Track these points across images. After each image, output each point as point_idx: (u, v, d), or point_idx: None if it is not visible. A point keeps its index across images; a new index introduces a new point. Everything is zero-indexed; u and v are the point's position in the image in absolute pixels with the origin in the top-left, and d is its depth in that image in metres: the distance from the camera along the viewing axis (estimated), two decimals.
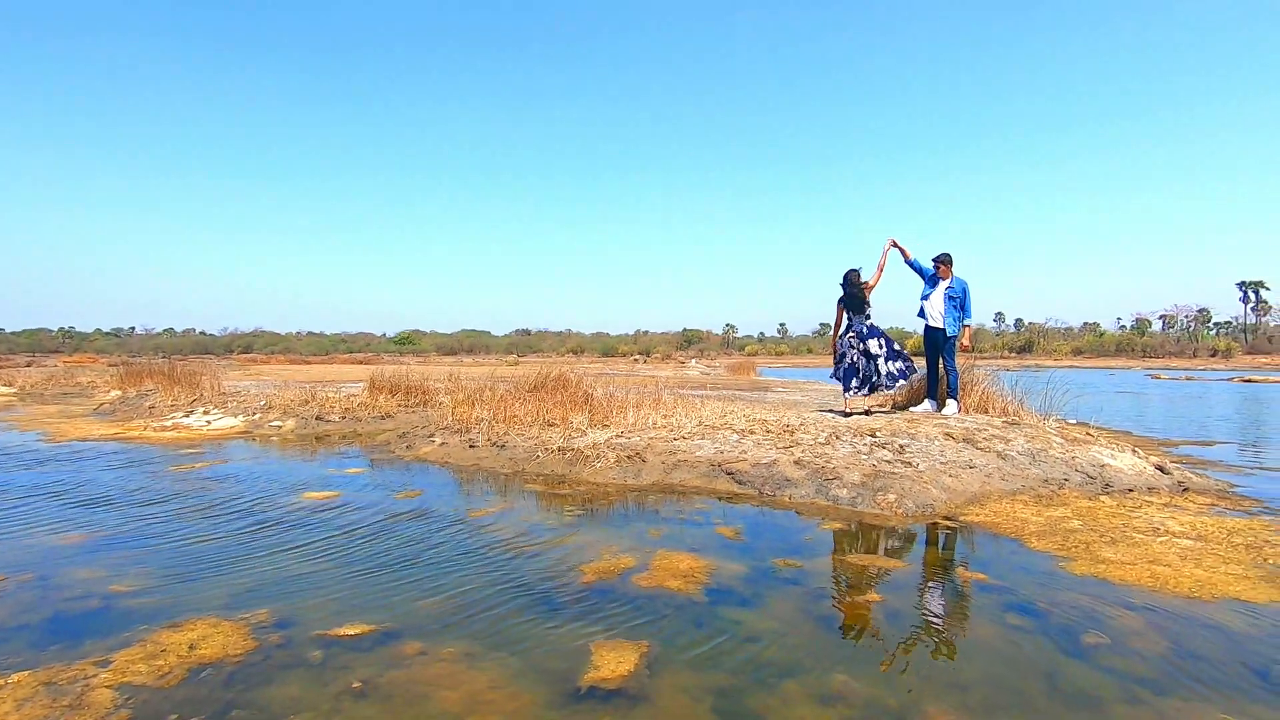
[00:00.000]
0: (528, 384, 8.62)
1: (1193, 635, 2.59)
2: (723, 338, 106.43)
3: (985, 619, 2.78)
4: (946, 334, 7.15)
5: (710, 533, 4.01)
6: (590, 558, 3.51)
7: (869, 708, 2.07)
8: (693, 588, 3.07)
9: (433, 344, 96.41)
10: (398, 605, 2.88)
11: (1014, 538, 3.92)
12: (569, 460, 5.89)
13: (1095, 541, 3.79)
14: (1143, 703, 2.10)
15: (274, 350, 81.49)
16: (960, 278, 7.23)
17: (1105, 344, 75.62)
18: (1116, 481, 5.27)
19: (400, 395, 10.88)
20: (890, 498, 4.59)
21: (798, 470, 5.14)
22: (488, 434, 6.98)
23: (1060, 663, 2.37)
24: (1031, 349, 76.60)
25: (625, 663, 2.34)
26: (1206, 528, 4.09)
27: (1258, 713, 2.05)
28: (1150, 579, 3.19)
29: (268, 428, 9.05)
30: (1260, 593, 3.02)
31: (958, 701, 2.10)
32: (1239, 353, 65.75)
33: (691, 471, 5.42)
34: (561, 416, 7.28)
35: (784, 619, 2.75)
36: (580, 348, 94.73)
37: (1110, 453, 5.82)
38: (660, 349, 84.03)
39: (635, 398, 8.26)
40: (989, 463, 5.34)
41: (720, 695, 2.15)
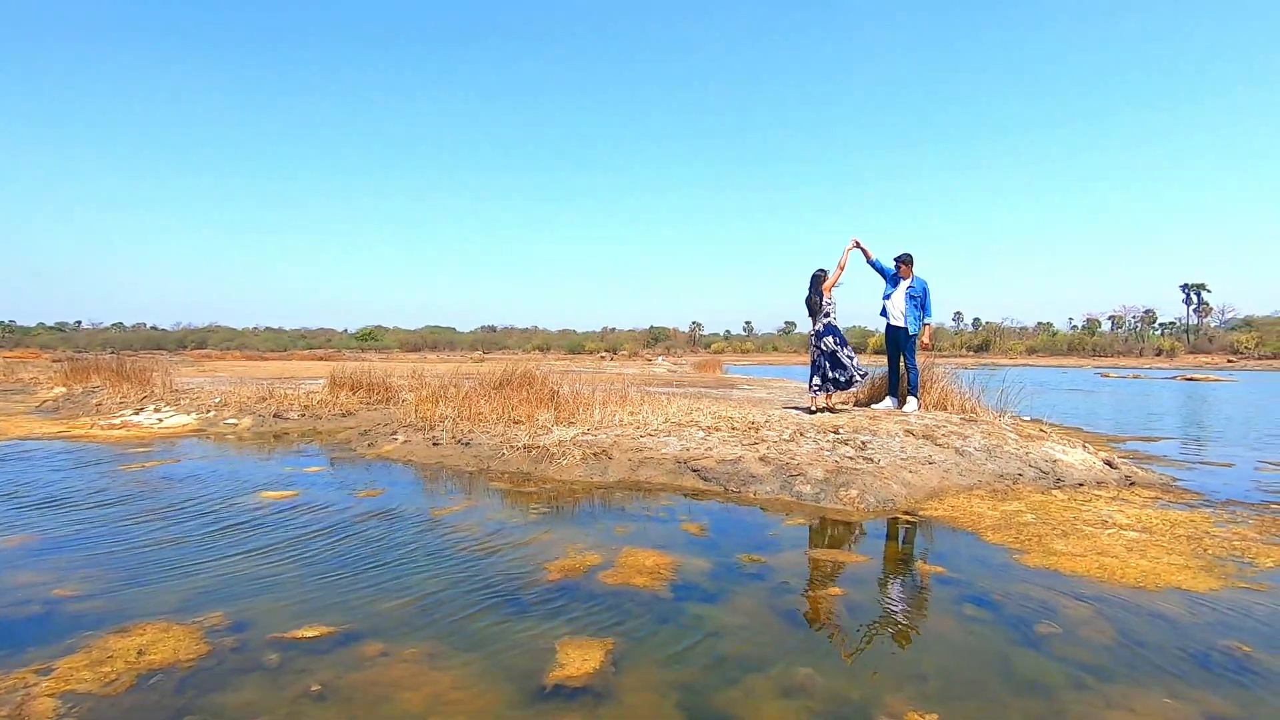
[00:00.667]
0: (493, 381, 8.54)
1: (1138, 623, 2.69)
2: (689, 335, 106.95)
3: (943, 611, 2.85)
4: (908, 332, 7.29)
5: (676, 529, 4.02)
6: (556, 555, 3.50)
7: (831, 700, 2.11)
8: (658, 584, 3.08)
9: (396, 340, 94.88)
10: (358, 606, 2.83)
11: (971, 531, 4.02)
12: (535, 458, 5.85)
13: (1047, 534, 3.91)
14: (1090, 689, 2.18)
15: (230, 346, 79.21)
16: (920, 278, 7.38)
17: (1058, 343, 78.16)
18: (1068, 476, 5.45)
19: (362, 392, 10.67)
20: (853, 493, 4.67)
21: (763, 467, 5.19)
22: (452, 431, 6.90)
23: (1014, 652, 2.44)
24: (988, 348, 78.74)
25: (591, 660, 2.34)
26: (1151, 520, 4.26)
27: (1198, 696, 2.14)
28: (1099, 570, 3.30)
29: (223, 426, 8.79)
30: (1200, 582, 3.15)
31: (917, 692, 2.15)
32: (1182, 352, 68.59)
33: (658, 468, 5.43)
34: (527, 414, 7.23)
35: (749, 614, 2.78)
36: (547, 345, 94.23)
37: (1062, 449, 6.01)
38: (627, 346, 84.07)
39: (602, 395, 8.24)
40: (947, 459, 5.47)
41: (686, 691, 2.16)
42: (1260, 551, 3.63)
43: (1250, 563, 3.45)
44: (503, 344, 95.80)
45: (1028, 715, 2.02)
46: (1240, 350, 64.16)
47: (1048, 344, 78.55)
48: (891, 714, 2.02)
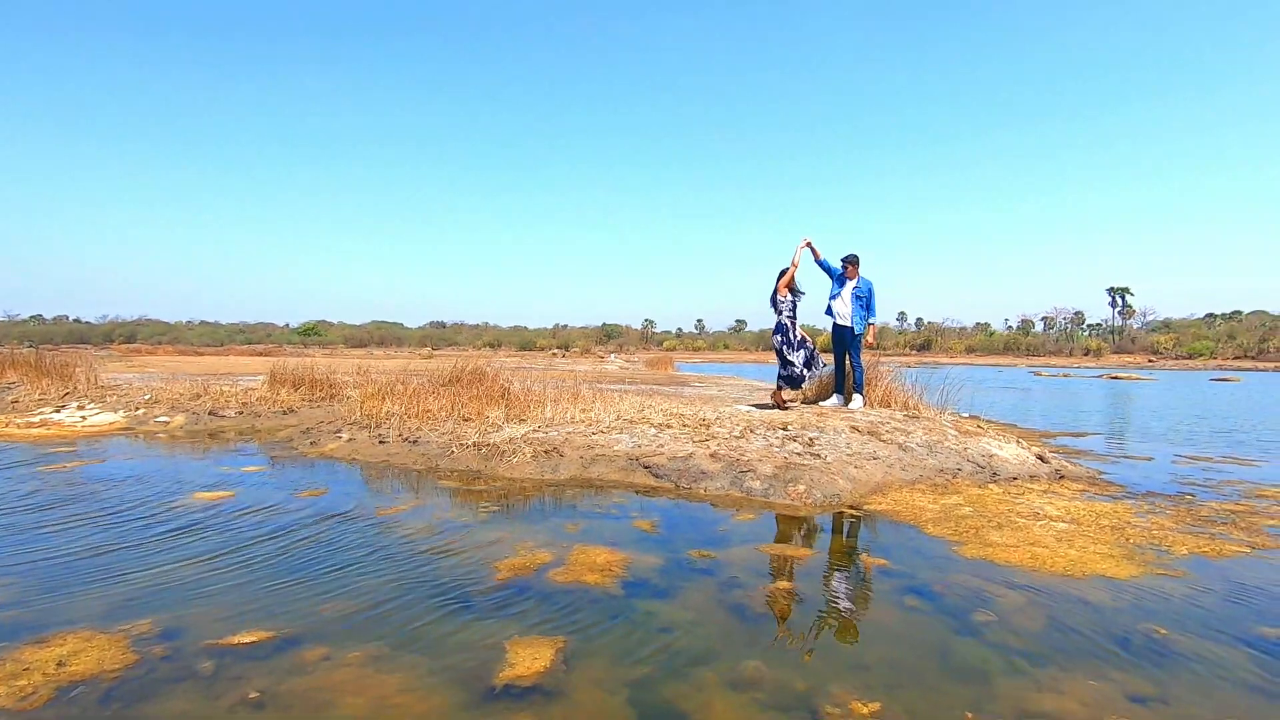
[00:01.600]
0: (442, 378, 8.38)
1: (1066, 610, 2.83)
2: (642, 333, 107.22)
3: (886, 602, 2.94)
4: (854, 332, 7.47)
5: (627, 526, 4.03)
6: (506, 554, 3.46)
7: (779, 691, 2.14)
8: (609, 581, 3.08)
9: (340, 336, 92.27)
10: (299, 610, 2.74)
11: (912, 524, 4.15)
12: (485, 455, 5.77)
13: (984, 526, 4.07)
14: (1023, 673, 2.28)
15: (161, 340, 75.66)
16: (866, 278, 7.57)
17: (995, 343, 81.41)
18: (1003, 470, 5.68)
19: (304, 389, 10.32)
20: (800, 488, 4.76)
21: (713, 463, 5.25)
22: (399, 429, 6.74)
23: (952, 640, 2.53)
24: (930, 346, 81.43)
25: (541, 659, 2.32)
26: (1079, 512, 4.47)
27: (1120, 677, 2.26)
28: (1031, 560, 3.46)
29: (153, 424, 8.38)
30: (1122, 569, 3.33)
31: (860, 681, 2.21)
32: (1108, 352, 72.38)
33: (610, 466, 5.43)
34: (477, 411, 7.12)
35: (699, 609, 2.80)
36: (498, 341, 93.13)
37: (998, 444, 6.26)
38: (579, 343, 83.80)
39: (553, 392, 8.18)
40: (891, 454, 5.63)
41: (636, 687, 2.17)
42: (1176, 540, 3.86)
43: (1167, 550, 3.67)
44: (452, 340, 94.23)
45: (965, 700, 2.10)
46: (1159, 351, 68.11)
47: (985, 343, 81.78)
48: (836, 703, 2.07)
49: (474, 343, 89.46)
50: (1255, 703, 2.12)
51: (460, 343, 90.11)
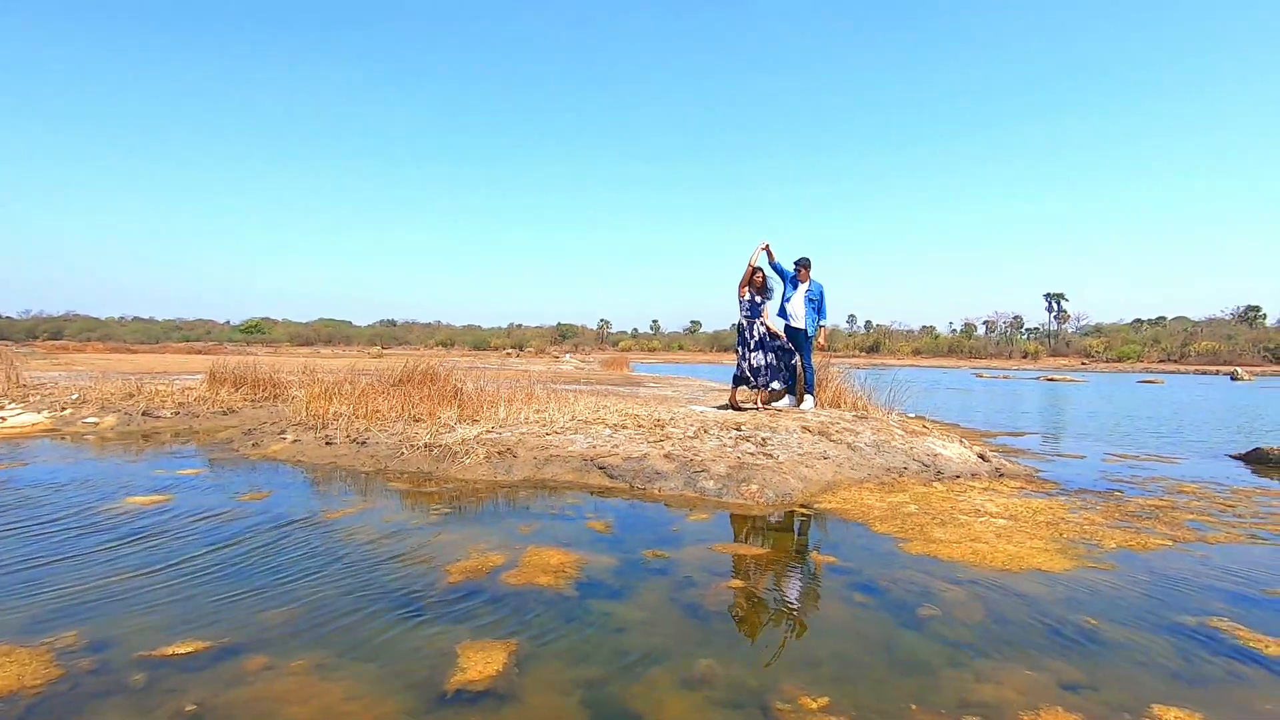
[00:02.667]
0: (393, 377, 8.20)
1: (1005, 603, 2.94)
2: (597, 333, 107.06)
3: (835, 598, 3.00)
4: (806, 334, 7.61)
5: (581, 527, 4.02)
6: (457, 557, 3.40)
7: (731, 689, 2.17)
8: (563, 583, 3.06)
9: (285, 333, 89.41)
10: (238, 618, 2.64)
11: (861, 522, 4.25)
12: (436, 457, 5.67)
13: (928, 523, 4.20)
14: (964, 665, 2.36)
15: (91, 337, 71.91)
16: (818, 281, 7.72)
17: (940, 345, 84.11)
18: (947, 469, 5.87)
19: (246, 388, 9.97)
20: (753, 488, 4.82)
21: (668, 463, 5.28)
22: (347, 430, 6.57)
23: (898, 635, 2.61)
24: (879, 349, 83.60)
25: (493, 663, 2.29)
26: (1017, 508, 4.66)
27: (1054, 667, 2.36)
28: (972, 555, 3.58)
29: (81, 425, 7.96)
30: (1056, 563, 3.49)
31: (810, 677, 2.25)
32: (1044, 355, 75.63)
33: (564, 466, 5.40)
34: (429, 411, 7.00)
35: (652, 609, 2.81)
36: (450, 340, 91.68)
37: (942, 443, 6.47)
38: (534, 343, 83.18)
39: (508, 392, 8.11)
40: (841, 453, 5.76)
41: (589, 688, 2.16)
42: (1106, 535, 4.05)
43: (1097, 544, 3.85)
44: (403, 339, 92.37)
45: (910, 693, 2.16)
46: (1091, 354, 71.49)
47: (931, 346, 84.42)
48: (786, 699, 2.11)
49: (426, 342, 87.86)
50: (1175, 687, 2.24)
51: (412, 342, 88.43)
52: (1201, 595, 3.10)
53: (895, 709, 2.07)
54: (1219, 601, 3.02)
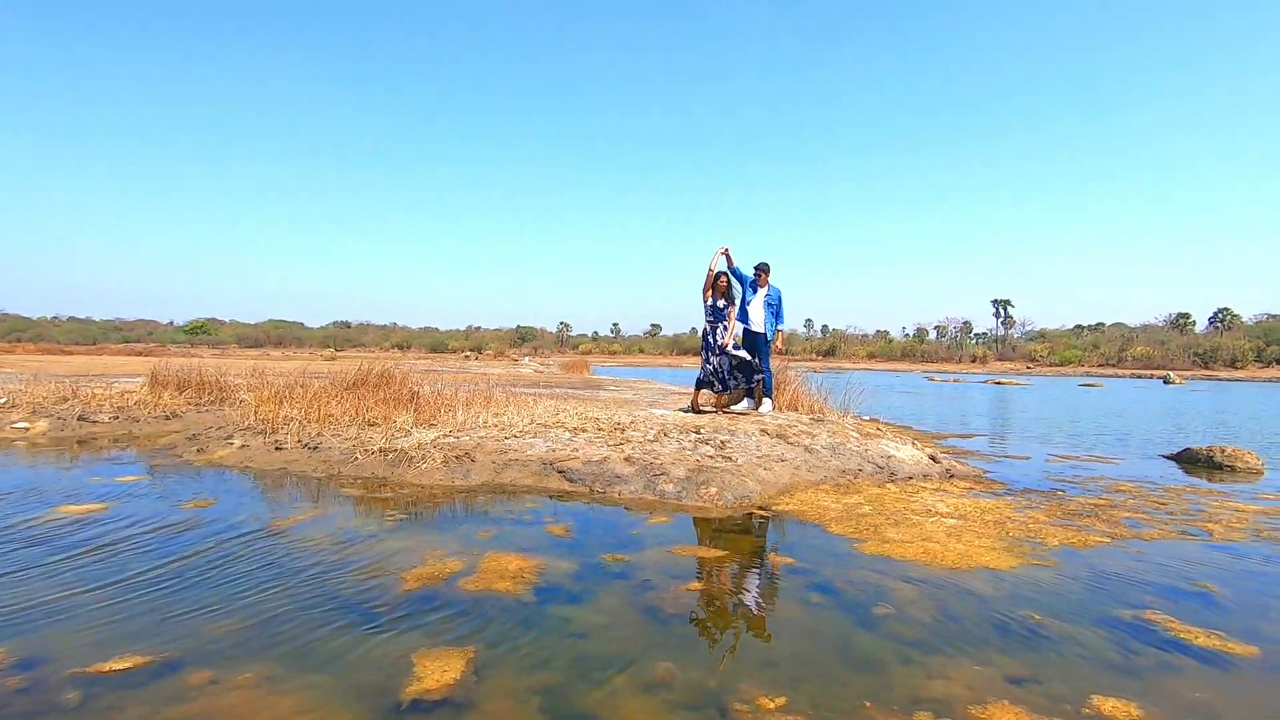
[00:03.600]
0: (346, 380, 8.00)
1: (954, 600, 3.03)
2: (557, 335, 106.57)
3: (792, 599, 3.05)
4: (765, 338, 7.71)
5: (541, 531, 3.99)
6: (413, 563, 3.34)
7: (690, 691, 2.18)
8: (521, 588, 3.04)
9: (233, 335, 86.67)
10: (181, 630, 2.54)
11: (817, 523, 4.33)
12: (391, 462, 5.55)
13: (882, 524, 4.30)
14: (916, 662, 2.42)
15: (21, 337, 68.33)
16: (776, 286, 7.84)
17: (893, 349, 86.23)
18: (900, 470, 6.02)
19: (191, 392, 9.61)
20: (712, 490, 4.86)
21: (628, 467, 5.28)
22: (298, 434, 6.38)
23: (853, 634, 2.66)
24: (835, 352, 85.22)
25: (450, 671, 2.26)
26: (966, 508, 4.80)
27: (1000, 662, 2.44)
28: (924, 554, 3.68)
29: (9, 430, 7.55)
30: (1003, 561, 3.61)
31: (768, 678, 2.28)
32: (992, 359, 78.18)
33: (523, 470, 5.35)
34: (384, 415, 6.85)
35: (612, 613, 2.81)
36: (407, 342, 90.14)
37: (895, 445, 6.62)
38: (493, 345, 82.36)
39: (466, 395, 8.00)
40: (798, 456, 5.85)
41: (548, 694, 2.15)
42: (1049, 533, 4.21)
43: (1041, 542, 3.99)
44: (358, 341, 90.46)
45: (864, 690, 2.21)
46: (1035, 358, 74.22)
47: (885, 350, 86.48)
48: (744, 700, 2.13)
49: (381, 344, 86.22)
50: (1112, 678, 2.34)
51: (366, 344, 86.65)
52: (1137, 590, 3.24)
53: (850, 707, 2.11)
54: (1153, 595, 3.17)
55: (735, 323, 7.65)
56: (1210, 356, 67.10)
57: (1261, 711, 2.15)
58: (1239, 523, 4.62)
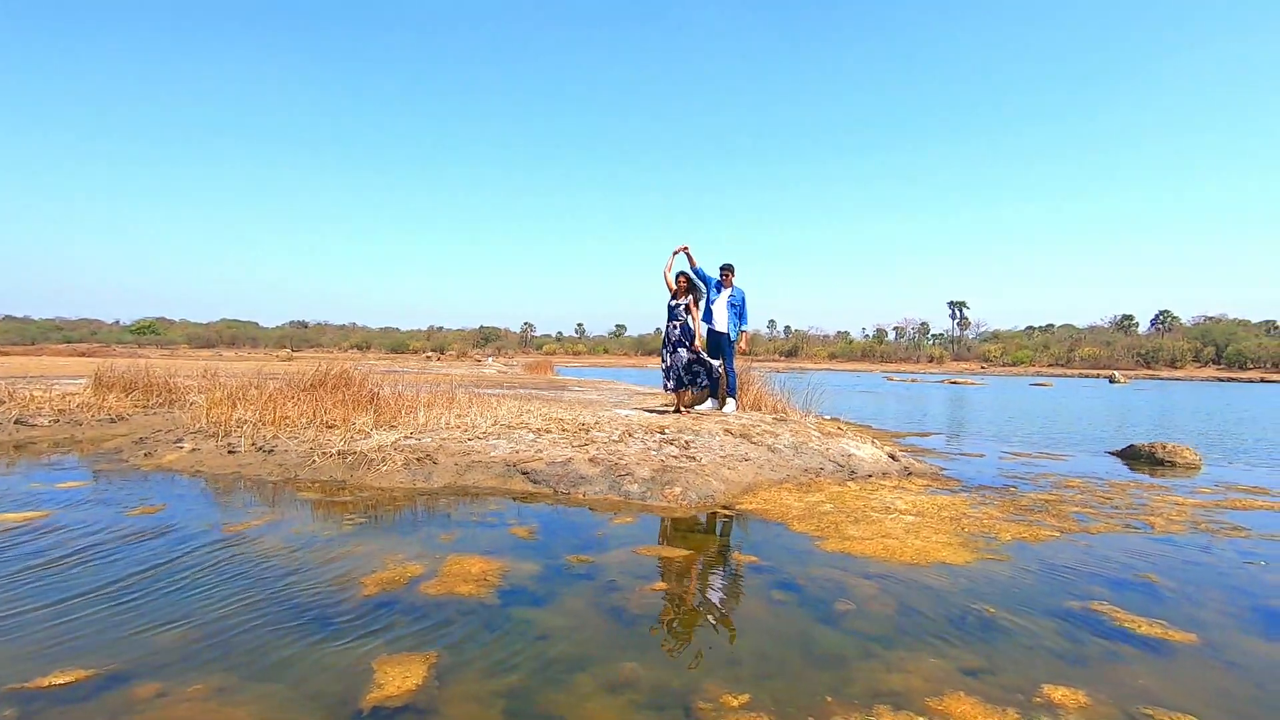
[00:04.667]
0: (303, 381, 7.80)
1: (913, 595, 3.10)
2: (521, 336, 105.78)
3: (755, 597, 3.08)
4: (729, 338, 7.77)
5: (504, 534, 3.95)
6: (373, 568, 3.27)
7: (655, 691, 2.18)
8: (484, 591, 3.00)
9: (183, 335, 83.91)
10: (127, 642, 2.44)
11: (780, 521, 4.38)
12: (351, 464, 5.44)
13: (843, 521, 4.37)
14: (875, 656, 2.47)
15: None
16: (740, 287, 7.91)
17: (854, 350, 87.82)
18: (860, 469, 6.13)
19: (138, 394, 9.26)
20: (676, 490, 4.88)
21: (592, 467, 5.26)
22: (252, 437, 6.20)
23: (815, 630, 2.70)
24: (797, 353, 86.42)
25: (412, 676, 2.22)
26: (923, 505, 4.92)
27: (956, 654, 2.50)
28: (883, 551, 3.75)
29: None
30: (959, 556, 3.70)
31: (732, 676, 2.30)
32: (948, 359, 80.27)
33: (486, 472, 5.29)
34: (343, 417, 6.70)
35: (576, 614, 2.79)
36: (366, 343, 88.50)
37: (856, 444, 6.74)
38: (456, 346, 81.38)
39: (427, 396, 7.88)
40: (761, 455, 5.91)
41: (512, 697, 2.13)
42: (1003, 528, 4.33)
43: (995, 537, 4.11)
44: (315, 341, 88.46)
45: (826, 686, 2.24)
46: (989, 359, 76.48)
47: (846, 350, 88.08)
48: (708, 698, 2.14)
49: (340, 344, 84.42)
50: (1062, 667, 2.42)
51: (324, 344, 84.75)
52: (1085, 581, 3.36)
53: (812, 702, 2.14)
54: (1100, 586, 3.29)
55: (700, 323, 7.70)
56: (1152, 357, 70.07)
57: (1198, 696, 2.25)
58: (1178, 516, 4.83)
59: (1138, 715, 2.11)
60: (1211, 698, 2.24)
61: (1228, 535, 4.32)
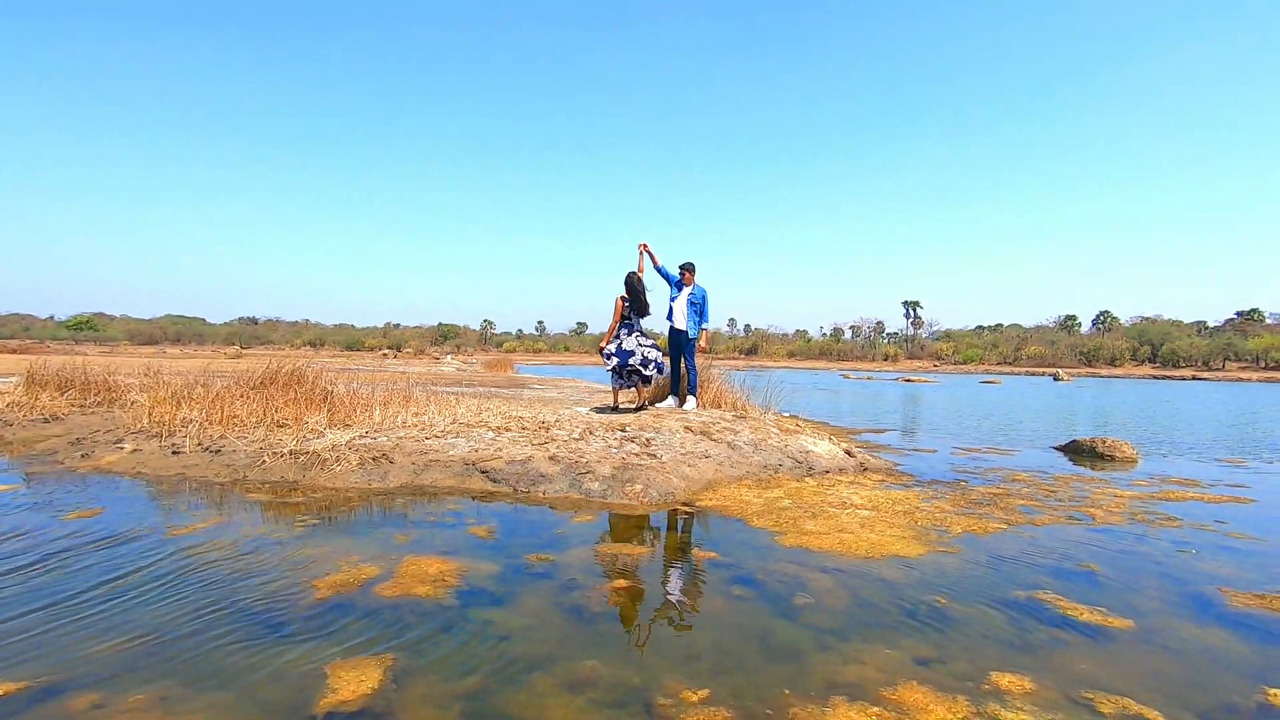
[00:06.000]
0: (253, 380, 7.56)
1: (867, 588, 3.16)
2: (480, 333, 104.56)
3: (715, 593, 3.10)
4: (689, 336, 7.81)
5: (463, 533, 3.89)
6: (326, 570, 3.19)
7: (615, 688, 2.18)
8: (442, 592, 2.96)
9: (124, 331, 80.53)
10: (61, 652, 2.33)
11: (739, 518, 4.42)
12: (303, 464, 5.29)
13: (801, 517, 4.44)
14: (831, 649, 2.51)
15: None
16: (701, 285, 7.95)
17: (812, 348, 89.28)
18: (818, 465, 6.24)
19: (74, 393, 8.83)
20: (637, 488, 4.89)
21: (552, 466, 5.23)
22: (198, 437, 5.98)
23: (774, 624, 2.73)
24: (757, 351, 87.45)
25: (368, 681, 2.17)
26: (878, 500, 5.03)
27: (909, 645, 2.57)
28: (840, 545, 3.82)
29: None
30: (912, 549, 3.80)
31: (691, 671, 2.31)
32: (903, 358, 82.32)
33: (444, 471, 5.21)
34: (294, 416, 6.52)
35: (535, 614, 2.77)
36: (320, 340, 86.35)
37: (813, 441, 6.85)
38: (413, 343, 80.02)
39: (383, 395, 7.72)
40: (721, 452, 5.96)
41: (471, 699, 2.10)
42: (954, 521, 4.46)
43: (946, 530, 4.23)
44: (266, 338, 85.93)
45: (783, 679, 2.27)
46: (942, 357, 78.66)
47: (804, 349, 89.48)
48: (668, 694, 2.15)
49: (292, 341, 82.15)
50: (1009, 655, 2.51)
51: (276, 341, 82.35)
52: (1030, 572, 3.48)
53: (770, 695, 2.16)
54: (1044, 576, 3.41)
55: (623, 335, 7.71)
56: (1093, 355, 73.06)
57: (1135, 679, 2.35)
58: (1117, 507, 5.05)
59: (1079, 699, 2.19)
60: (1147, 680, 2.35)
61: (1162, 526, 4.54)
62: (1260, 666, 2.48)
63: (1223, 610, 3.03)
